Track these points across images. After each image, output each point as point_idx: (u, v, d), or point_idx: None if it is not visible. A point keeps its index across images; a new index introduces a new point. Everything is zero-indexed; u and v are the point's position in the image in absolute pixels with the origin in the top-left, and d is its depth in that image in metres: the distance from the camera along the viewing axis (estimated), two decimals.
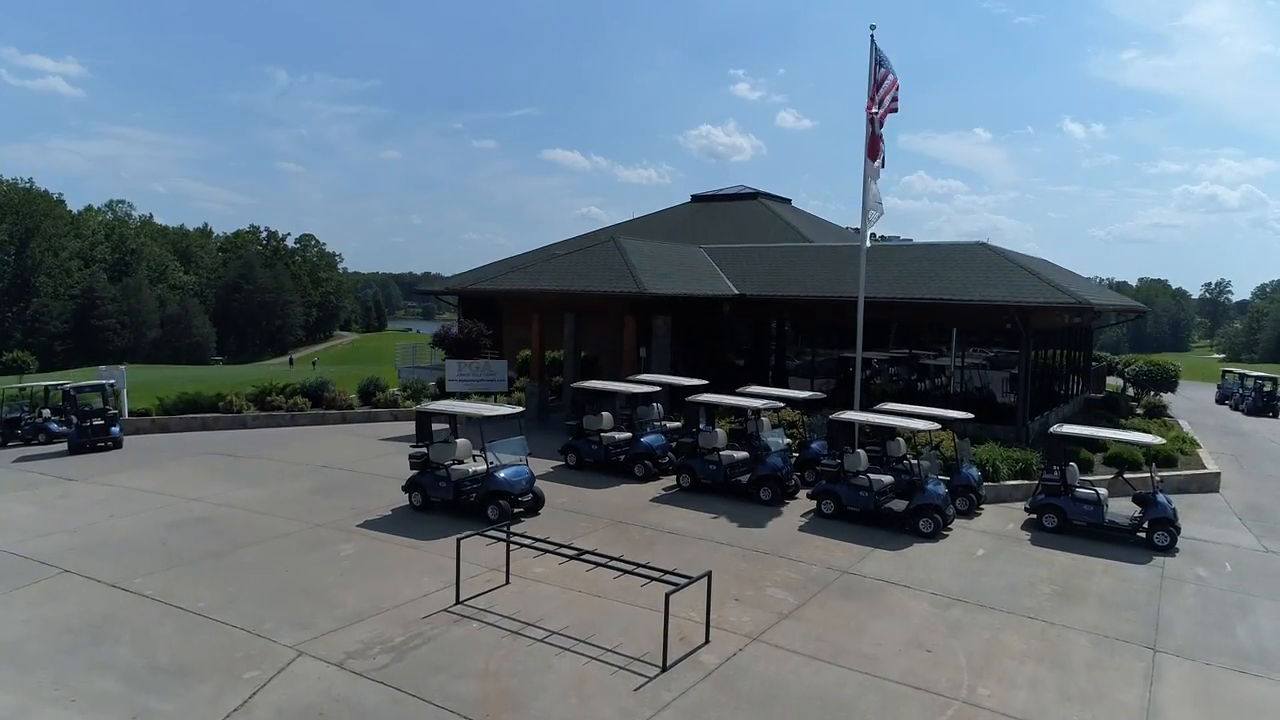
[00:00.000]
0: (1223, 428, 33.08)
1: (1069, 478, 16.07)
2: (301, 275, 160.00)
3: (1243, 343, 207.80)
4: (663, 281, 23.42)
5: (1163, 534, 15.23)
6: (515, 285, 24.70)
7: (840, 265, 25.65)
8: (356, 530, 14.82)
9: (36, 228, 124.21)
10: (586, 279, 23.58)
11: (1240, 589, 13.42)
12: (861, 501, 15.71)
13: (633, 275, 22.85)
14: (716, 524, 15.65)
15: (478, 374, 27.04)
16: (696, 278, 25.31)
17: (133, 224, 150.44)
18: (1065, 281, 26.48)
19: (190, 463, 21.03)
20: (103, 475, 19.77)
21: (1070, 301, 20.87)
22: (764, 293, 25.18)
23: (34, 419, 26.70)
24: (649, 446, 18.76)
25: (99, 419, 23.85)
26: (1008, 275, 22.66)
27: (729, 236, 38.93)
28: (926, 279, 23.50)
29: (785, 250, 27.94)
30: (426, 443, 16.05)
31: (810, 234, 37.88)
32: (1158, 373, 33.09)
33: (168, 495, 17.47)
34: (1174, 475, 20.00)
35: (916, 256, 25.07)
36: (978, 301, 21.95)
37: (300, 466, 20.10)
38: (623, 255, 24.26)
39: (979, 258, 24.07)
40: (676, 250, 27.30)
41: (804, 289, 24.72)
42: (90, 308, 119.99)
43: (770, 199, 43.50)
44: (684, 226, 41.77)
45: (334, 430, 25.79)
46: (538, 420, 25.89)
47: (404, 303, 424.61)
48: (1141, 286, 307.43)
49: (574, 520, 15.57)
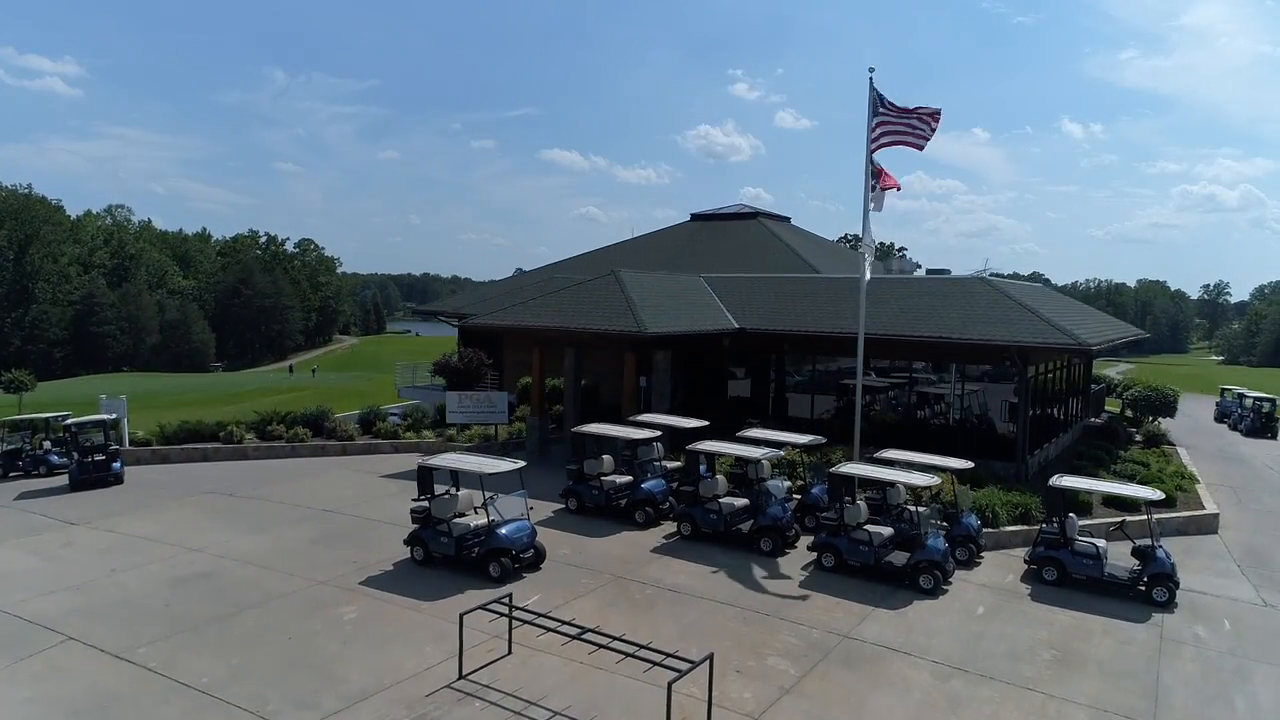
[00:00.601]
0: (1221, 452, 33.14)
1: (1068, 530, 16.12)
2: (301, 280, 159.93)
3: (1241, 345, 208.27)
4: (663, 318, 23.46)
5: (1161, 589, 15.29)
6: (517, 321, 24.73)
7: (840, 298, 25.70)
8: (358, 589, 14.86)
9: (35, 234, 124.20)
10: (587, 316, 23.62)
11: (1239, 651, 13.48)
12: (862, 556, 15.76)
13: (633, 312, 22.89)
14: (717, 579, 15.71)
15: (478, 406, 27.11)
16: (697, 311, 25.35)
17: (131, 229, 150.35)
18: (1064, 313, 26.56)
19: (191, 504, 21.07)
20: (104, 518, 19.81)
21: (1070, 344, 20.92)
22: (764, 326, 25.23)
23: (35, 451, 26.75)
24: (649, 493, 18.81)
25: (100, 454, 23.89)
26: (1007, 313, 22.71)
27: (728, 257, 39.01)
28: (926, 316, 23.55)
29: (785, 282, 27.97)
30: (428, 497, 16.09)
31: (809, 256, 37.94)
32: (1157, 398, 33.10)
33: (169, 544, 17.51)
34: (1173, 517, 20.05)
35: (916, 291, 25.12)
36: (977, 341, 22.01)
37: (301, 509, 20.13)
38: (622, 290, 24.30)
39: (978, 294, 24.12)
40: (676, 282, 27.33)
41: (804, 324, 24.76)
42: (89, 314, 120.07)
43: (770, 218, 43.56)
44: (683, 247, 41.85)
45: (335, 464, 25.80)
46: (538, 454, 25.94)
47: (403, 304, 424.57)
48: (1140, 288, 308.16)
49: (575, 576, 15.61)
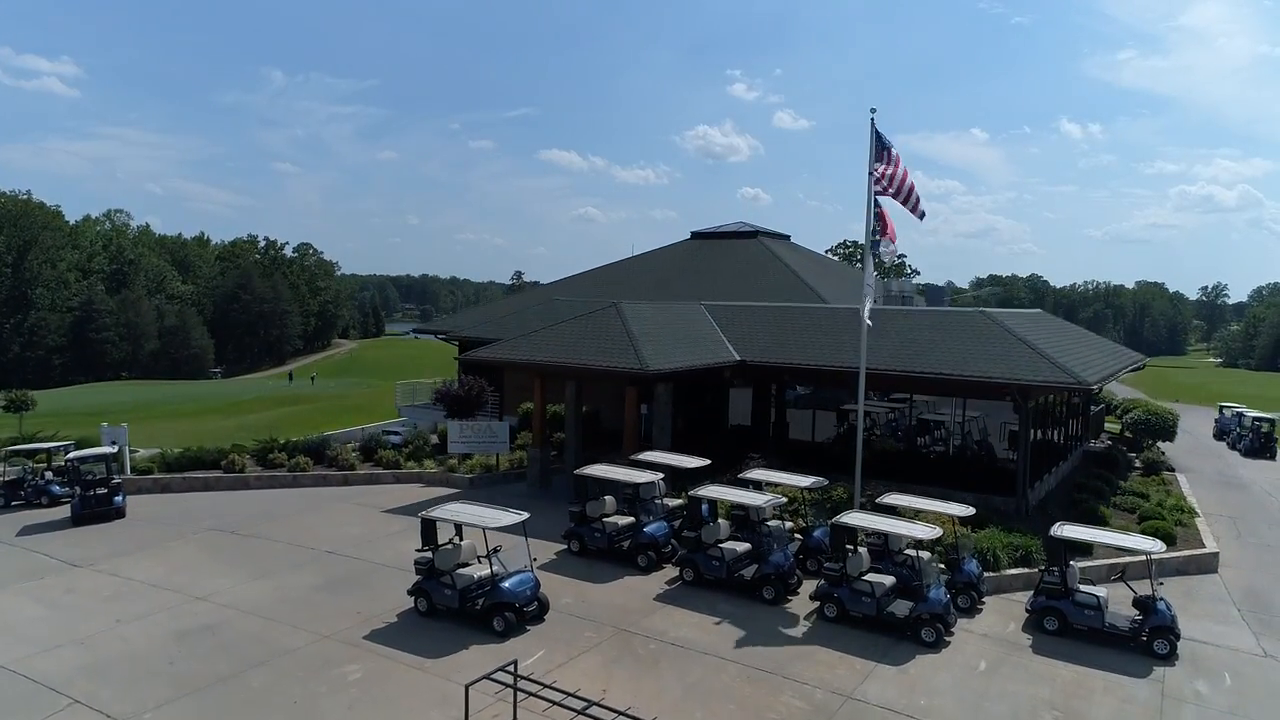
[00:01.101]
0: (1220, 475, 33.25)
1: (1069, 581, 16.19)
2: (300, 284, 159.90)
3: (1240, 348, 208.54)
4: (664, 352, 23.51)
5: (1162, 642, 15.36)
6: (518, 356, 24.77)
7: (841, 329, 25.75)
8: (363, 644, 14.90)
9: (34, 239, 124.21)
10: (589, 350, 23.67)
11: (1240, 710, 13.55)
12: (864, 607, 15.82)
13: (634, 347, 22.94)
14: (720, 631, 15.75)
15: (479, 435, 27.16)
16: (698, 344, 25.40)
17: (130, 234, 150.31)
18: (1063, 343, 26.63)
19: (194, 542, 21.09)
20: (107, 559, 19.84)
21: (1069, 382, 20.99)
22: (765, 359, 25.30)
23: (36, 481, 26.76)
24: (652, 537, 18.87)
25: (102, 488, 23.92)
26: (1007, 349, 22.77)
27: (729, 277, 39.11)
28: (926, 350, 23.61)
29: (787, 312, 28.01)
30: (431, 548, 16.13)
31: (809, 277, 38.02)
32: (1156, 422, 33.21)
33: (173, 591, 17.54)
34: (1173, 557, 20.12)
35: (916, 324, 25.18)
36: (978, 378, 22.08)
37: (303, 551, 20.16)
38: (623, 323, 24.35)
39: (978, 328, 24.18)
40: (677, 312, 27.38)
41: (805, 356, 24.83)
42: (88, 320, 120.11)
43: (770, 237, 43.64)
44: (684, 265, 41.94)
45: (336, 496, 25.81)
46: (540, 484, 25.99)
47: (401, 305, 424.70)
48: (1138, 290, 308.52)
49: (579, 629, 15.65)
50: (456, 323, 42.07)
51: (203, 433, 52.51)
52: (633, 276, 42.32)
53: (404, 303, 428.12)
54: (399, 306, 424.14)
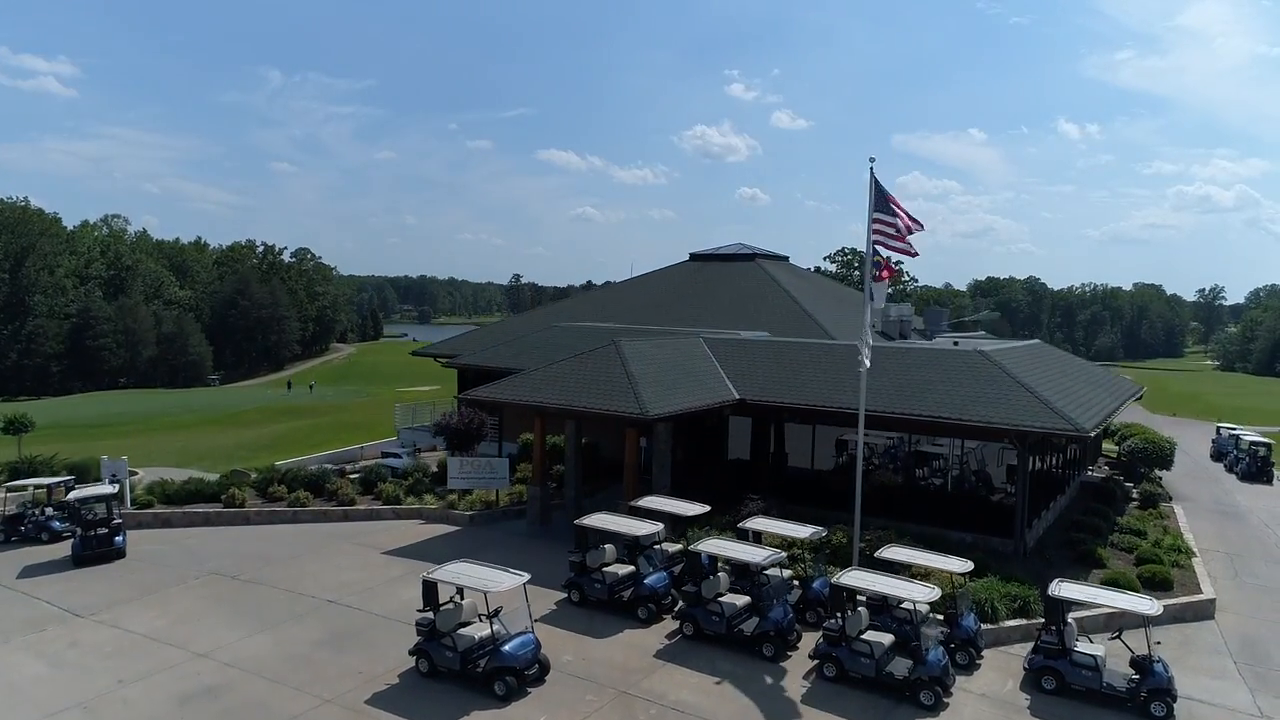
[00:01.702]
0: (1217, 504, 33.38)
1: (1067, 640, 16.28)
2: (298, 289, 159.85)
3: (1237, 351, 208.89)
4: (664, 394, 23.59)
5: (1159, 704, 15.45)
6: (519, 398, 24.83)
7: (840, 367, 25.84)
8: (365, 710, 14.95)
9: (32, 246, 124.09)
10: (589, 392, 23.75)
11: None
12: (863, 668, 15.90)
13: (634, 389, 23.03)
14: (720, 693, 15.83)
15: (479, 471, 27.23)
16: (697, 383, 25.47)
17: (128, 239, 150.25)
18: (1061, 381, 26.74)
19: (196, 589, 21.14)
20: (108, 608, 19.89)
21: (1068, 429, 21.09)
22: (765, 398, 25.39)
23: (37, 516, 26.81)
24: (652, 589, 18.96)
25: (103, 528, 23.97)
26: (1005, 392, 22.86)
27: (727, 302, 39.22)
28: (925, 391, 23.71)
29: (785, 347, 28.09)
30: (433, 608, 16.20)
31: (807, 301, 38.12)
32: (1154, 450, 33.33)
33: (175, 647, 17.59)
34: (1169, 604, 20.20)
35: (915, 363, 25.26)
36: (976, 423, 22.19)
37: (304, 600, 20.21)
38: (623, 364, 24.42)
39: (976, 369, 24.27)
40: (676, 348, 27.44)
41: (804, 396, 24.92)
42: (86, 327, 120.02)
43: (767, 259, 43.76)
44: (682, 289, 42.05)
45: (336, 534, 25.81)
46: (540, 522, 26.06)
47: (400, 306, 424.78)
48: (1136, 291, 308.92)
49: (580, 691, 15.72)
50: (456, 345, 42.07)
51: (201, 449, 52.59)
52: (632, 299, 42.42)
53: (402, 304, 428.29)
54: (397, 307, 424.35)
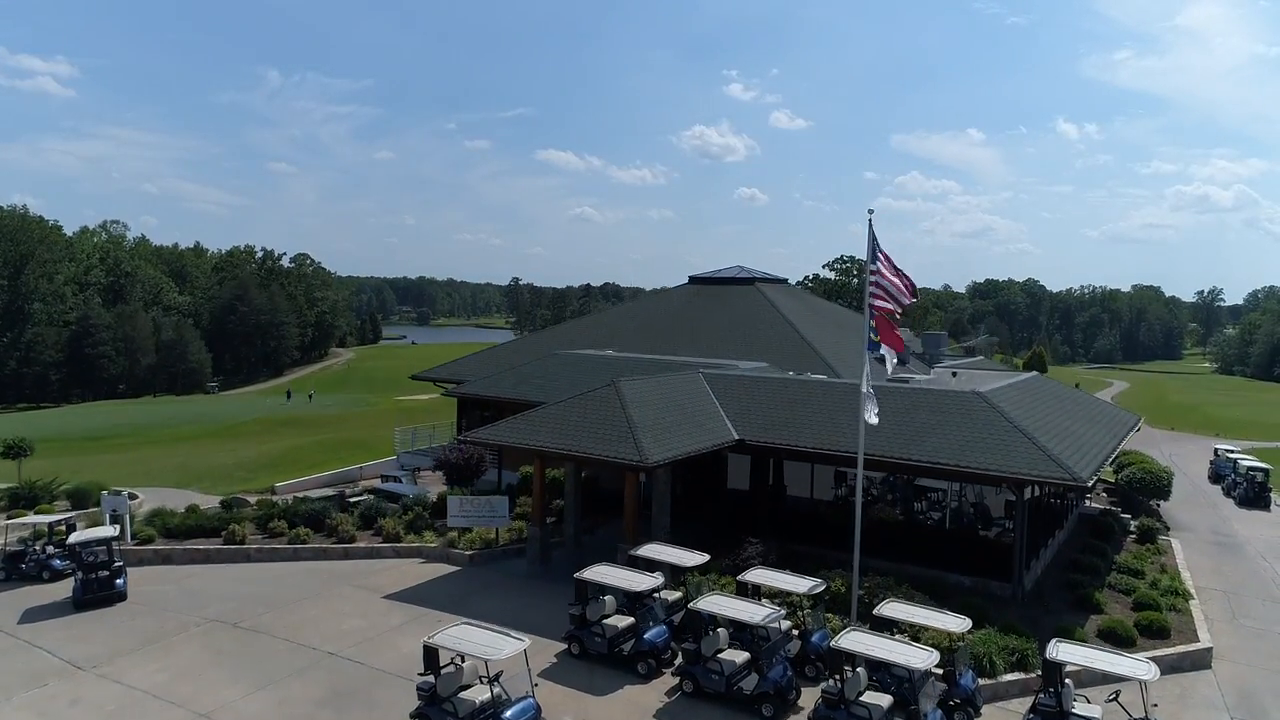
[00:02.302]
0: (1215, 535, 33.49)
1: (1064, 702, 16.36)
2: (297, 294, 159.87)
3: (1235, 354, 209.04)
4: (663, 439, 23.67)
5: None
6: (519, 441, 24.91)
7: (837, 407, 25.93)
8: None
9: (31, 253, 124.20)
10: (589, 438, 23.82)
11: None
12: None
13: (633, 436, 23.10)
14: None
15: (479, 509, 27.30)
16: (697, 424, 25.55)
17: (127, 245, 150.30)
18: (1060, 421, 26.82)
19: (196, 639, 21.18)
20: (109, 659, 19.94)
21: (1065, 479, 21.19)
22: (763, 439, 25.48)
23: (38, 554, 26.86)
24: (651, 644, 19.04)
25: (104, 570, 24.04)
26: (1003, 437, 22.95)
27: (726, 328, 39.35)
28: (923, 434, 23.80)
29: (785, 384, 28.17)
30: (434, 672, 16.27)
31: (805, 328, 38.22)
32: (1151, 481, 33.45)
33: (175, 705, 17.66)
34: (1166, 654, 20.31)
35: (913, 404, 25.35)
36: (974, 470, 22.30)
37: (305, 652, 20.25)
38: (623, 406, 24.49)
39: (975, 412, 24.36)
40: (676, 386, 27.51)
41: (802, 438, 25.01)
42: (85, 335, 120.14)
43: (766, 282, 43.85)
44: (682, 313, 42.16)
45: (336, 574, 25.83)
46: (540, 562, 26.12)
47: (399, 307, 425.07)
48: (1135, 293, 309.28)
49: None
50: (456, 370, 42.14)
51: (201, 468, 52.60)
52: (631, 323, 42.53)
53: (401, 305, 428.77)
54: (396, 309, 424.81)
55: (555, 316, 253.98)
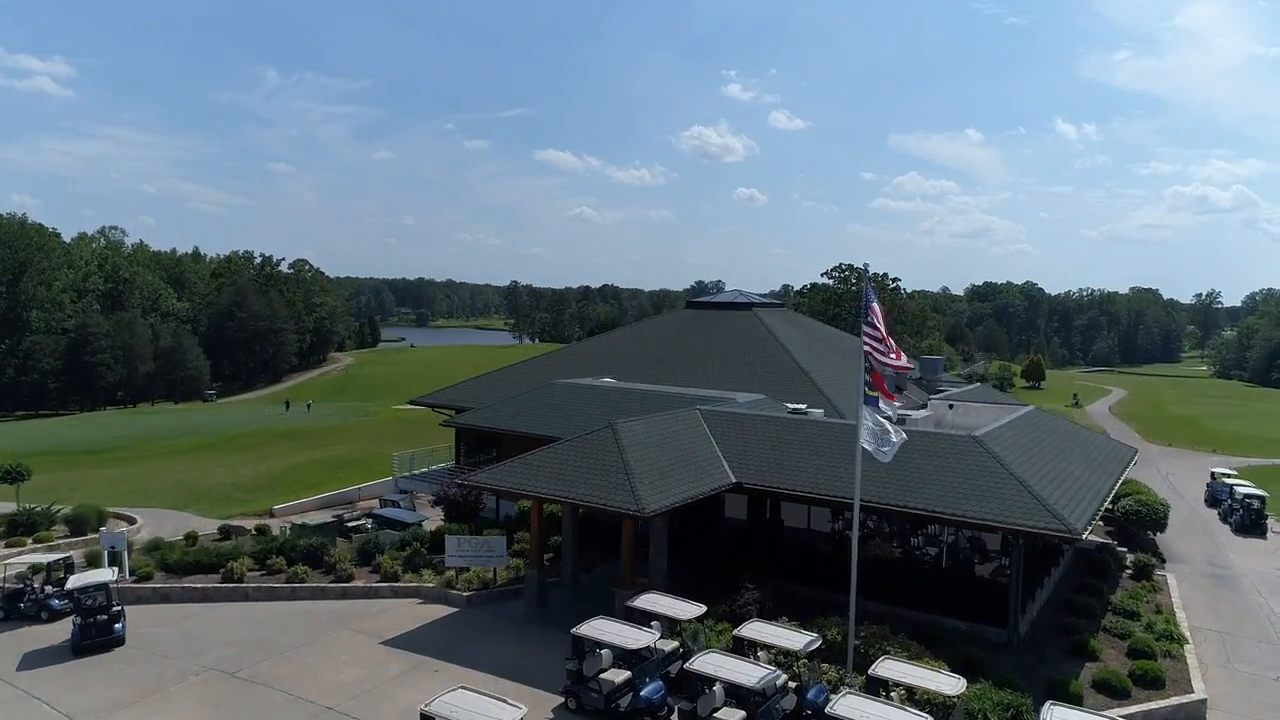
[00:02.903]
0: (1211, 566, 33.57)
1: None
2: (295, 300, 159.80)
3: (1233, 359, 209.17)
4: (660, 485, 23.75)
5: None
6: (516, 487, 24.98)
7: (835, 449, 26.00)
8: None
9: (30, 261, 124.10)
10: (586, 483, 23.88)
11: None
12: None
13: (630, 484, 23.17)
14: None
15: (476, 550, 27.34)
16: (695, 467, 25.63)
17: (125, 251, 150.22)
18: (1056, 464, 26.89)
19: (195, 689, 21.23)
20: (108, 712, 20.00)
21: (1060, 530, 21.29)
22: (760, 482, 25.59)
23: (37, 594, 26.91)
24: (649, 700, 19.12)
25: (102, 614, 24.10)
26: (999, 486, 23.04)
27: (723, 356, 39.45)
28: (920, 481, 23.89)
29: (783, 424, 28.22)
30: None
31: (802, 356, 38.31)
32: (1148, 513, 33.56)
33: None
34: (1160, 706, 20.43)
35: (909, 448, 25.13)
36: (970, 519, 22.40)
37: (304, 707, 20.26)
38: (620, 451, 24.56)
39: (971, 457, 24.44)
40: (674, 426, 27.58)
41: (799, 481, 25.11)
42: (83, 343, 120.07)
43: (764, 307, 43.91)
44: (680, 340, 42.26)
45: (334, 616, 25.86)
46: (536, 604, 26.17)
47: (397, 309, 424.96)
48: (1133, 295, 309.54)
49: None
50: (455, 395, 42.22)
51: (199, 487, 52.64)
52: (630, 349, 42.63)
53: (400, 306, 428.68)
54: (395, 310, 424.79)
55: (554, 320, 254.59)
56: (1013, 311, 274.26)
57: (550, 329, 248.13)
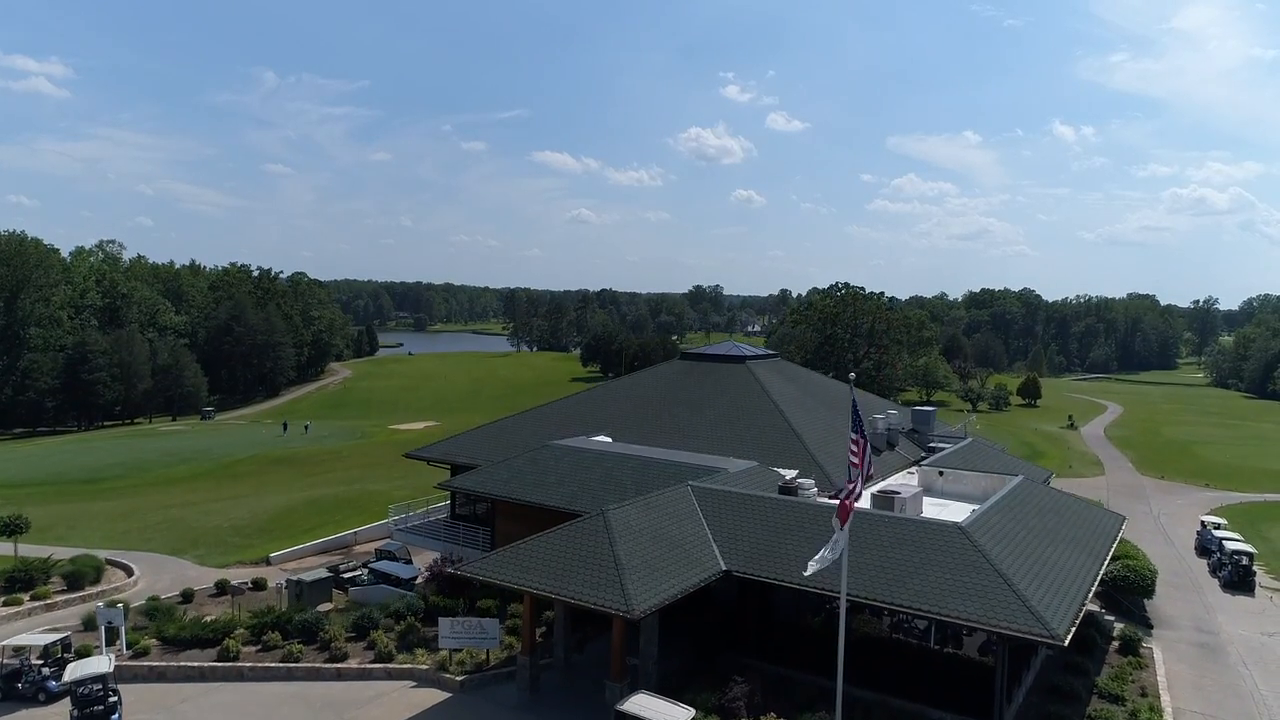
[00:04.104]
0: (1199, 630, 33.88)
1: None
2: (293, 314, 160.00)
3: (1229, 368, 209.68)
4: (651, 579, 24.05)
5: None
6: (508, 581, 25.22)
7: (823, 535, 26.06)
8: None
9: (28, 279, 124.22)
10: (577, 578, 24.12)
11: None
12: None
13: (620, 582, 23.47)
14: None
15: (469, 631, 27.65)
16: (685, 555, 25.93)
17: (123, 266, 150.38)
18: (1043, 549, 27.17)
19: None
20: None
21: (1042, 635, 21.60)
22: (750, 571, 25.93)
23: (34, 675, 27.19)
24: None
25: (98, 704, 24.41)
26: (983, 583, 23.34)
27: (716, 413, 39.75)
28: (906, 577, 24.18)
29: (773, 507, 28.47)
30: None
31: (794, 415, 38.61)
32: (1136, 579, 33.91)
33: None
34: None
35: (897, 538, 25.71)
36: (955, 619, 22.72)
37: None
38: (611, 545, 24.85)
39: (956, 551, 24.72)
40: (665, 509, 27.86)
41: (788, 572, 25.37)
42: (81, 361, 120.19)
43: (757, 360, 44.19)
44: (673, 393, 42.54)
45: (328, 705, 26.00)
46: (529, 690, 26.47)
47: (395, 313, 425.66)
48: (1130, 302, 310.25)
49: None
50: (451, 449, 42.53)
51: (196, 530, 52.72)
52: (624, 403, 42.92)
53: (398, 311, 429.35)
54: (393, 314, 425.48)
55: (552, 327, 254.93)
56: (1010, 319, 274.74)
57: (548, 337, 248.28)
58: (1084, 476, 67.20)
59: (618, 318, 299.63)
